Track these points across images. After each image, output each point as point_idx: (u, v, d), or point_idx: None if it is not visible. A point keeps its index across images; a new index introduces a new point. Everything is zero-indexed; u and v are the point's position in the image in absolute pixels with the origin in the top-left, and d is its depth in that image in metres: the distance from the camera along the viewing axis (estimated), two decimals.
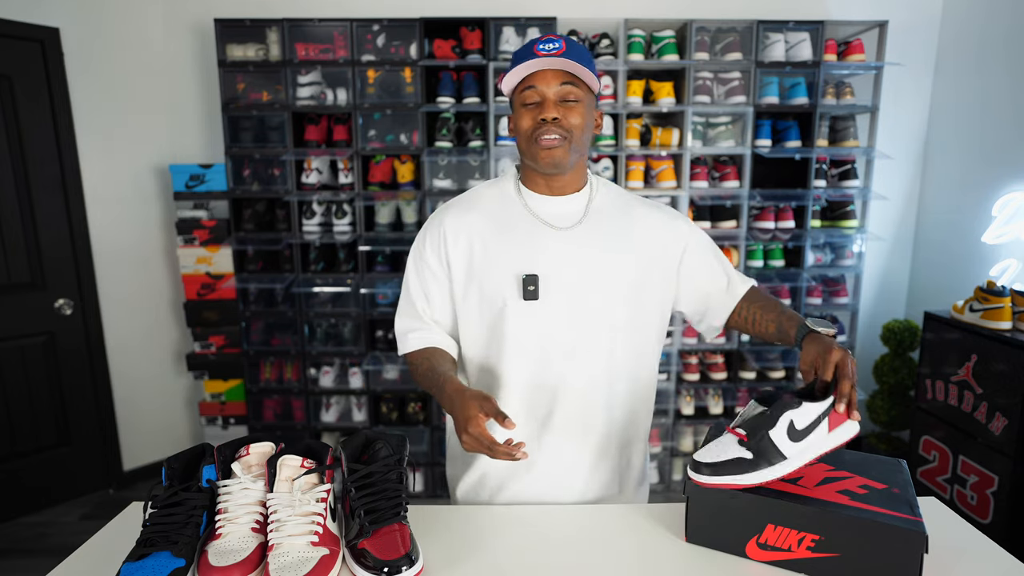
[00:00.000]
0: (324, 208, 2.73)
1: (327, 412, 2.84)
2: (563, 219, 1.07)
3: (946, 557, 0.84)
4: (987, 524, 2.01)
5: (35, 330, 2.61)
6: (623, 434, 1.12)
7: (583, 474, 1.09)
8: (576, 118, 1.01)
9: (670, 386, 2.72)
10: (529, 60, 0.99)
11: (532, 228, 1.07)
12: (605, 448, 1.10)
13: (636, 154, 2.58)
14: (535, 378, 1.06)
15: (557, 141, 1.00)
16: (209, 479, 0.89)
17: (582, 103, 1.01)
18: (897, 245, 3.01)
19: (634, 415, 1.12)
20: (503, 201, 1.10)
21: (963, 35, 2.72)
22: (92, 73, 2.66)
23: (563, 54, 0.98)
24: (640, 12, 2.68)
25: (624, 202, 1.13)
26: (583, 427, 1.08)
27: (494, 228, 1.07)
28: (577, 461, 1.09)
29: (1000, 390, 1.98)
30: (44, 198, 2.57)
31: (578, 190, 1.10)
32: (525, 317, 1.04)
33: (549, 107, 0.99)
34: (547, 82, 1.00)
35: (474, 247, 1.07)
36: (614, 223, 1.09)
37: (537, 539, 0.93)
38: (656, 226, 1.11)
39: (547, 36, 1.01)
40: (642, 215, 1.11)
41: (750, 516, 0.85)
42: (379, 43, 2.63)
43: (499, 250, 1.06)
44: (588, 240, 1.06)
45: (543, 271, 1.03)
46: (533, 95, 1.01)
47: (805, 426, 0.84)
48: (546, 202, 1.08)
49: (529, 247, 1.05)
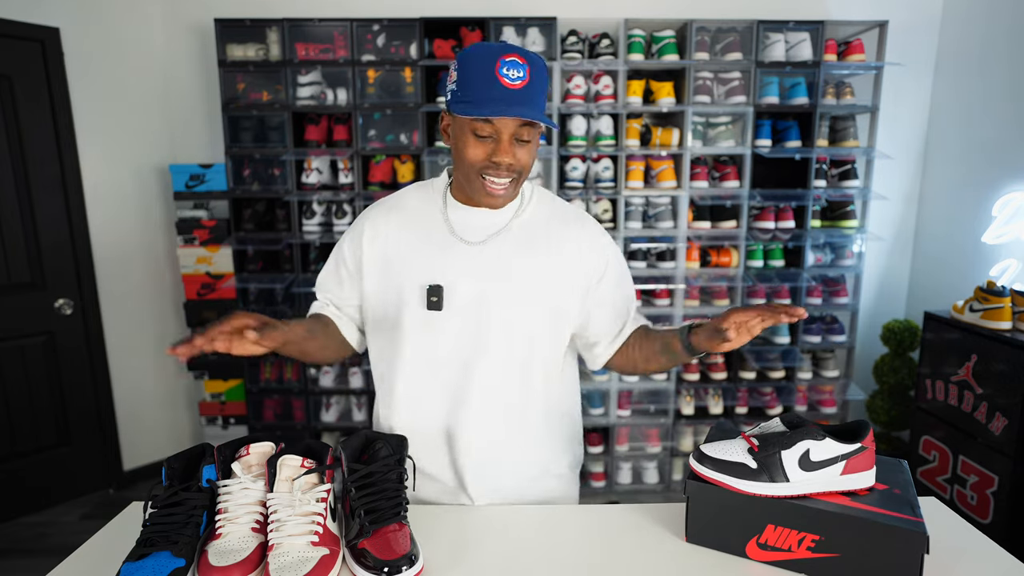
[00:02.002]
0: (324, 208, 2.73)
1: (327, 412, 2.84)
2: (479, 232, 1.06)
3: (946, 557, 0.84)
4: (987, 524, 2.01)
5: (35, 330, 2.61)
6: (534, 436, 1.11)
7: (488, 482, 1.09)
8: (527, 157, 0.98)
9: (670, 386, 2.72)
10: (491, 89, 0.91)
11: (444, 239, 1.06)
12: (504, 455, 1.09)
13: (636, 154, 2.58)
14: (433, 387, 1.06)
15: (505, 188, 0.98)
16: (209, 479, 0.88)
17: (533, 140, 0.99)
18: (897, 245, 3.01)
19: (544, 426, 1.12)
20: (427, 206, 1.09)
21: (963, 35, 2.72)
22: (92, 73, 2.66)
23: (527, 86, 0.92)
24: (640, 12, 2.68)
25: (553, 215, 1.10)
26: (484, 440, 1.07)
27: (410, 234, 1.07)
28: (477, 469, 1.08)
29: (1000, 390, 1.98)
30: (44, 198, 2.57)
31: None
32: (426, 326, 1.04)
33: (505, 150, 0.95)
34: (504, 122, 0.94)
35: (387, 250, 1.07)
36: (535, 238, 1.07)
37: (537, 539, 0.93)
38: (581, 243, 1.09)
39: (511, 56, 0.92)
40: (568, 231, 1.09)
41: (750, 516, 0.85)
42: (379, 43, 2.63)
43: (410, 257, 1.06)
44: (500, 254, 1.05)
45: (448, 282, 1.03)
46: (487, 129, 0.94)
47: (820, 460, 0.83)
48: (469, 214, 1.07)
49: (439, 258, 1.04)
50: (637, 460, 2.80)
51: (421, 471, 1.08)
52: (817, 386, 2.80)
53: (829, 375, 2.76)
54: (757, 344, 2.74)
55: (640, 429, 2.78)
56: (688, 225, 2.62)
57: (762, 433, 0.89)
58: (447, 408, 1.06)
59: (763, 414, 2.75)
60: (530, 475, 1.12)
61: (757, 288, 2.65)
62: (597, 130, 2.59)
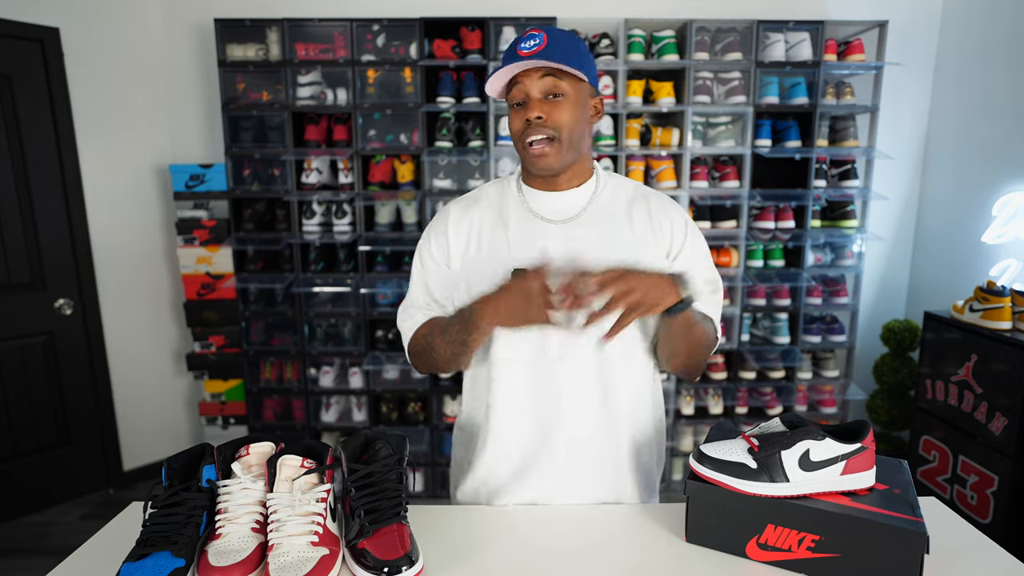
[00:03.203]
0: (324, 208, 2.73)
1: (327, 412, 2.84)
2: (561, 213, 1.07)
3: (946, 557, 0.84)
4: (987, 524, 2.01)
5: (35, 330, 2.61)
6: (625, 435, 1.09)
7: (582, 478, 1.07)
8: (563, 115, 0.99)
9: (670, 386, 2.72)
10: (510, 60, 0.98)
11: (528, 223, 1.07)
12: (604, 451, 1.07)
13: (636, 154, 2.58)
14: (529, 377, 1.05)
15: (545, 145, 0.99)
16: (209, 479, 0.88)
17: (569, 97, 0.99)
18: (897, 245, 3.01)
19: (634, 415, 1.10)
20: (504, 197, 1.11)
21: (963, 35, 2.72)
22: (92, 73, 2.66)
23: (544, 49, 0.96)
24: (640, 12, 2.68)
25: (632, 195, 1.11)
26: (581, 428, 1.06)
27: (493, 223, 1.08)
28: (576, 464, 1.06)
29: (1000, 390, 1.98)
30: (44, 198, 2.57)
31: (580, 184, 1.09)
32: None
33: (533, 106, 0.99)
34: (530, 78, 0.98)
35: (471, 241, 1.08)
36: (617, 216, 1.08)
37: (537, 539, 0.93)
38: (659, 219, 1.09)
39: (529, 32, 0.99)
40: (647, 208, 1.09)
41: (750, 516, 0.85)
42: (379, 43, 2.63)
43: (497, 244, 1.06)
44: (585, 233, 1.05)
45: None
46: (518, 93, 1.00)
47: (820, 460, 0.83)
48: (545, 198, 1.08)
49: (525, 241, 1.05)
50: None
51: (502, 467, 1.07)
52: (817, 386, 2.80)
53: (829, 375, 2.76)
54: (757, 344, 2.75)
55: None
56: None
57: (762, 433, 0.89)
58: (542, 399, 1.05)
59: (763, 414, 2.76)
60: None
61: (757, 288, 2.66)
62: (597, 130, 2.59)
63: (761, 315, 2.81)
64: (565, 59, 0.97)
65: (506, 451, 1.07)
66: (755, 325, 2.85)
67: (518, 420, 1.06)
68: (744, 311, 2.70)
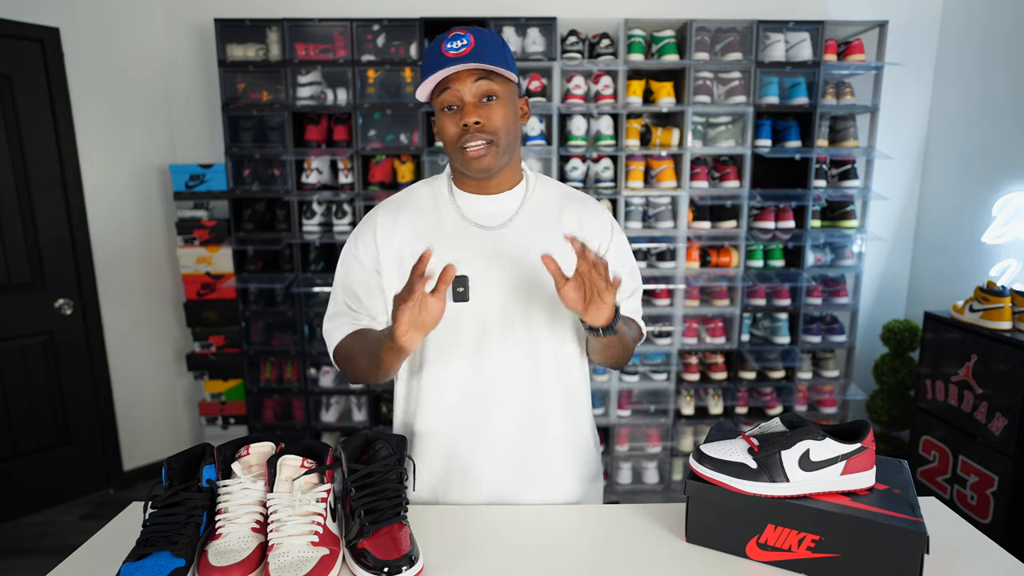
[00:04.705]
0: (324, 208, 2.73)
1: (327, 412, 2.84)
2: (494, 218, 1.06)
3: (946, 557, 0.84)
4: (987, 524, 2.01)
5: (35, 330, 2.61)
6: (551, 432, 1.09)
7: (511, 477, 1.07)
8: (498, 118, 0.98)
9: (670, 386, 2.72)
10: (439, 63, 0.95)
11: (462, 229, 1.05)
12: (539, 445, 1.07)
13: (636, 154, 2.58)
14: (467, 379, 1.05)
15: (483, 148, 0.98)
16: (209, 479, 0.88)
17: (502, 99, 0.98)
18: (897, 245, 3.01)
19: (564, 412, 1.10)
20: (436, 201, 1.09)
21: (963, 35, 2.72)
22: (92, 73, 2.66)
23: (473, 50, 0.94)
24: (640, 12, 2.68)
25: (559, 197, 1.12)
26: (516, 426, 1.06)
27: (424, 228, 1.06)
28: (514, 462, 1.06)
29: (1000, 390, 1.98)
30: (44, 198, 2.57)
31: (512, 187, 1.08)
32: (455, 318, 1.02)
33: (469, 111, 0.96)
34: (462, 81, 0.96)
35: (404, 247, 1.06)
36: (548, 220, 1.08)
37: (537, 539, 0.93)
38: (589, 220, 1.11)
39: (454, 32, 0.96)
40: (577, 209, 1.11)
41: (750, 516, 0.85)
42: (379, 43, 2.63)
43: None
44: (518, 239, 1.05)
45: (473, 272, 1.02)
46: (450, 97, 0.97)
47: (820, 460, 0.83)
48: (479, 202, 1.07)
49: (459, 248, 1.03)
50: (637, 460, 2.80)
51: (439, 469, 1.07)
52: (817, 386, 2.80)
53: (829, 375, 2.76)
54: (757, 344, 2.75)
55: (640, 429, 2.78)
56: (688, 225, 2.62)
57: (762, 433, 0.89)
58: (479, 399, 1.05)
59: (763, 414, 2.76)
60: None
61: (757, 288, 2.66)
62: (597, 130, 2.59)
63: (761, 315, 2.81)
64: (495, 60, 0.96)
65: (440, 453, 1.07)
66: (755, 325, 2.85)
67: (449, 422, 1.06)
68: (744, 311, 2.70)
